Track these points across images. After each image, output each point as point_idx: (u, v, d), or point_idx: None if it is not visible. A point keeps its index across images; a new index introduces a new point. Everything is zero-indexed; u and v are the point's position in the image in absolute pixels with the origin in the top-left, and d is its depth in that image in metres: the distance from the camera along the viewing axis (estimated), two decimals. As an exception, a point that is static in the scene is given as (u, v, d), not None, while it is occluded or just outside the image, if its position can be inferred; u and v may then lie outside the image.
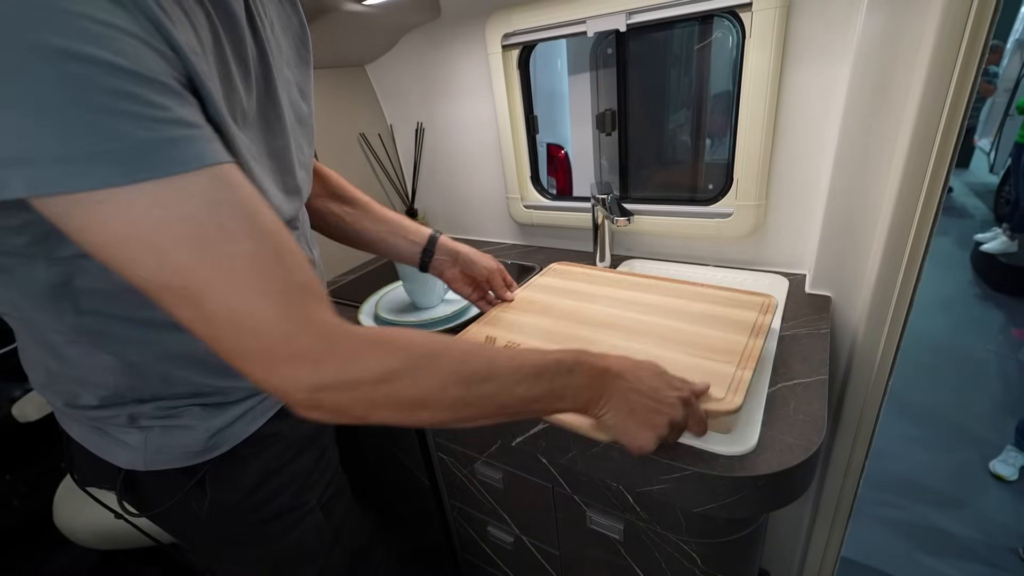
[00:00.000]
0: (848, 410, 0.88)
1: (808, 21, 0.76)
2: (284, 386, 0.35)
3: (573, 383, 0.46)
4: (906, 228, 0.70)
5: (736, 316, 0.72)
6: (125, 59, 0.29)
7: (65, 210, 0.30)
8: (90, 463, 0.54)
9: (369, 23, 1.03)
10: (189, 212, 0.31)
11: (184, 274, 0.31)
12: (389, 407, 0.38)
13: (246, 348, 0.34)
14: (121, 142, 0.29)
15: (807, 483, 0.55)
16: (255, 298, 0.33)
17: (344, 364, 0.36)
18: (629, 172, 1.10)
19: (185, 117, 0.32)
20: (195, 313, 0.33)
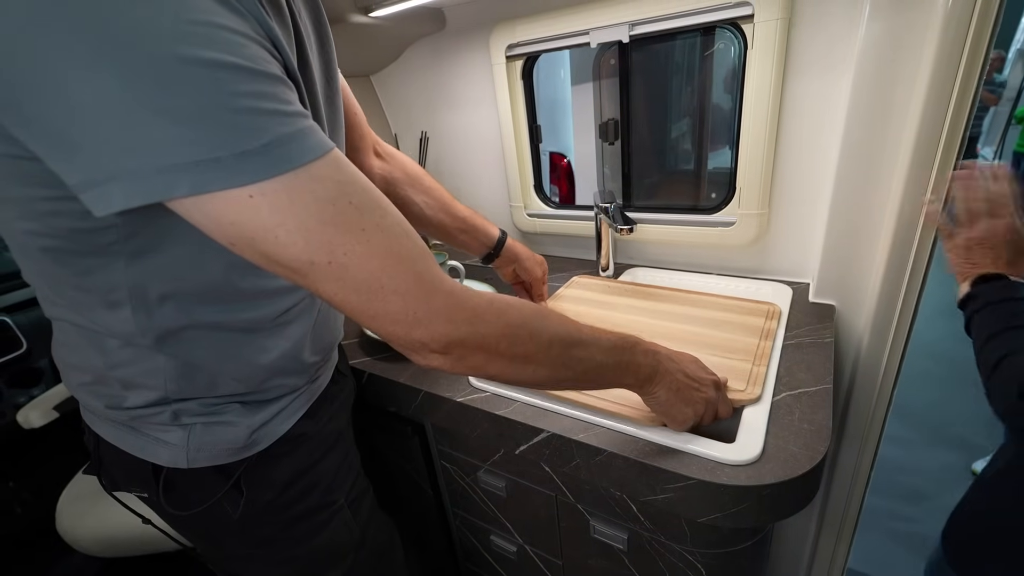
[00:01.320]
0: (853, 419, 0.87)
1: (809, 32, 0.76)
2: (425, 340, 0.39)
3: (636, 360, 0.52)
4: (910, 237, 0.70)
5: (746, 321, 0.80)
6: (251, 61, 0.32)
7: (216, 208, 0.32)
8: (123, 466, 0.54)
9: (375, 34, 1.05)
10: (326, 194, 0.34)
11: (331, 249, 0.35)
12: (506, 358, 0.43)
13: (390, 310, 0.37)
14: (265, 138, 0.32)
15: (812, 493, 0.55)
16: (394, 264, 0.37)
17: (474, 319, 0.41)
18: (632, 181, 1.10)
19: (302, 109, 0.35)
20: (341, 284, 0.36)
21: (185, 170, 0.31)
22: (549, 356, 0.46)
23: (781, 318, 0.80)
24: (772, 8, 0.75)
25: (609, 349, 0.50)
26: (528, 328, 0.44)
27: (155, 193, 0.32)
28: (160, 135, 0.30)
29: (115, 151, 0.31)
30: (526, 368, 0.45)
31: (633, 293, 0.94)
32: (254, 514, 0.56)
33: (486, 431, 0.70)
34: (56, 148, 0.32)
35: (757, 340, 0.74)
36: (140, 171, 0.31)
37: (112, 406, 0.50)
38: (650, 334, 0.77)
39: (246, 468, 0.54)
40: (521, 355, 0.44)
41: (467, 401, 0.70)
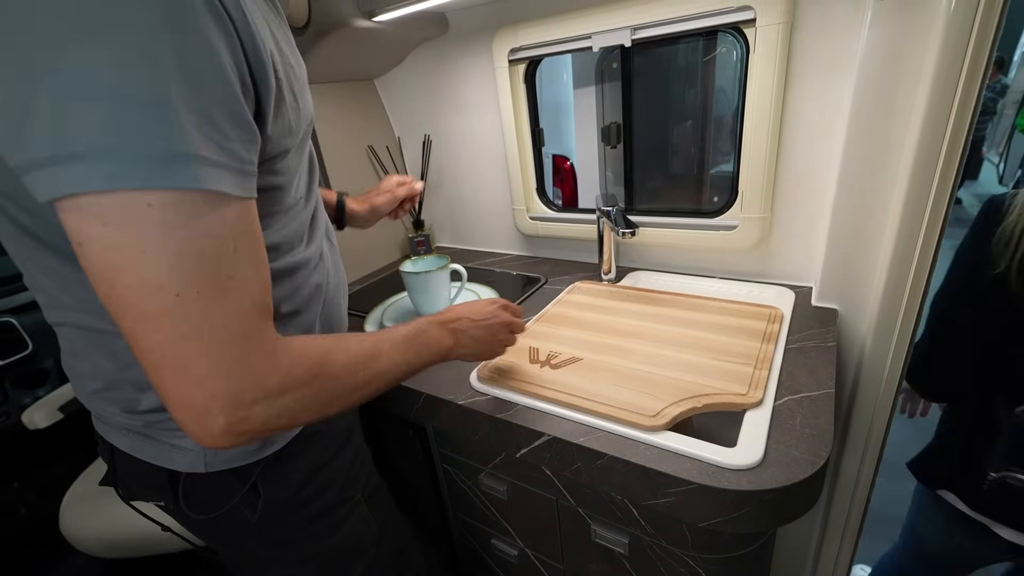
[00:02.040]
0: (856, 424, 0.87)
1: (812, 36, 0.76)
2: (225, 405, 0.36)
3: (431, 338, 0.56)
4: (912, 240, 0.70)
5: (747, 325, 0.80)
6: (223, 85, 0.34)
7: (108, 207, 0.31)
8: (139, 475, 0.53)
9: (379, 39, 1.05)
10: (220, 232, 0.34)
11: (187, 284, 0.33)
12: (312, 405, 0.42)
13: (202, 366, 0.35)
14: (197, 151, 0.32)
15: (814, 498, 0.55)
16: (235, 318, 0.35)
17: (285, 374, 0.39)
18: (634, 184, 1.10)
19: (241, 153, 0.36)
20: (169, 323, 0.33)
21: (105, 160, 0.30)
22: (356, 384, 0.46)
23: (783, 322, 0.80)
24: (774, 12, 0.75)
25: (405, 345, 0.52)
26: (332, 369, 0.43)
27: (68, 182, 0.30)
28: (97, 119, 0.30)
29: (51, 131, 0.30)
30: (334, 404, 0.45)
31: (635, 298, 0.94)
32: (272, 515, 0.56)
33: (487, 434, 0.70)
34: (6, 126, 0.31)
35: (759, 344, 0.74)
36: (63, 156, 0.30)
37: (128, 410, 0.49)
38: (652, 338, 0.79)
39: (262, 469, 0.54)
40: (328, 395, 0.43)
41: (468, 404, 0.70)
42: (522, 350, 0.80)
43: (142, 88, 0.30)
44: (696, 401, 0.63)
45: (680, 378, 0.68)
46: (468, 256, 1.34)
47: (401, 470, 0.95)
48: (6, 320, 1.27)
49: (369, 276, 1.29)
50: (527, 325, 0.88)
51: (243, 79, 0.36)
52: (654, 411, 0.61)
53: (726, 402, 0.62)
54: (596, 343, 0.79)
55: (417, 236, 1.37)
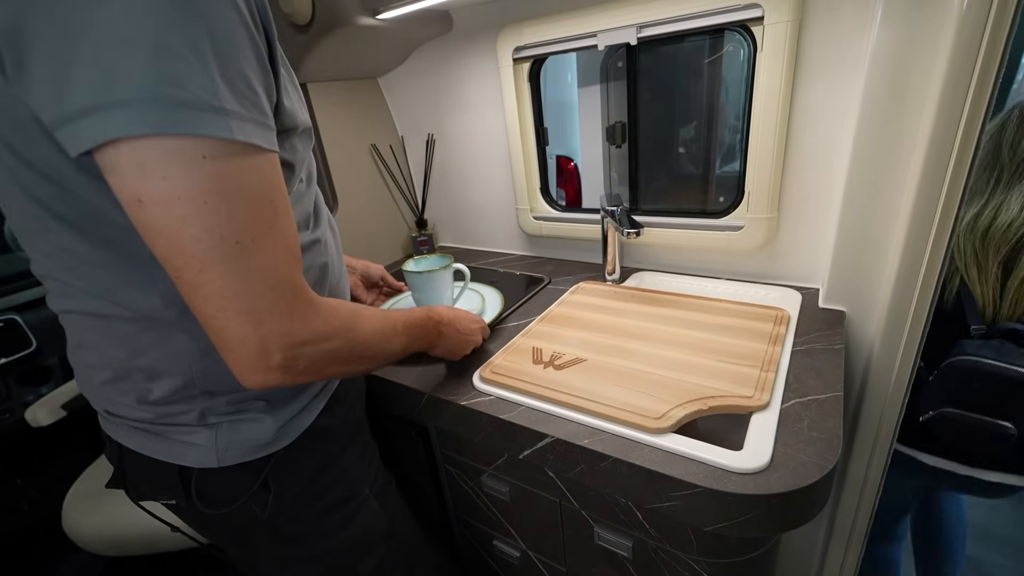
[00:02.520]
0: (863, 428, 0.86)
1: (820, 35, 0.75)
2: (279, 341, 0.40)
3: (429, 332, 0.65)
4: (922, 242, 0.69)
5: (753, 327, 0.79)
6: (250, 39, 0.36)
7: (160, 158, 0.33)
8: (149, 473, 0.53)
9: (382, 37, 1.05)
10: (261, 183, 0.38)
11: (244, 231, 0.37)
12: (344, 358, 0.48)
13: (261, 304, 0.39)
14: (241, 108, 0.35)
15: (822, 503, 0.54)
16: (283, 262, 0.40)
17: (325, 321, 0.45)
18: (639, 184, 1.09)
19: (265, 108, 0.38)
20: (232, 268, 0.37)
21: (153, 104, 0.32)
22: (377, 351, 0.53)
23: (790, 324, 0.79)
24: (782, 10, 0.74)
25: (411, 329, 0.60)
26: (362, 329, 0.50)
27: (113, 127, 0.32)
28: (139, 68, 0.31)
29: (93, 81, 0.31)
30: (356, 364, 0.51)
31: (640, 299, 0.93)
32: (283, 510, 0.56)
33: (490, 435, 0.69)
34: (41, 79, 0.32)
35: (765, 346, 0.73)
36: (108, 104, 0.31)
37: (140, 400, 0.49)
38: (657, 340, 0.78)
39: (273, 464, 0.54)
40: (357, 354, 0.49)
41: (471, 405, 0.69)
42: (525, 350, 0.79)
43: (184, 46, 0.32)
44: (702, 403, 0.62)
45: (685, 380, 0.67)
46: (471, 256, 1.33)
47: (403, 470, 0.95)
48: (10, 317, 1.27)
49: (372, 275, 1.29)
50: (531, 325, 0.87)
51: (260, 36, 0.38)
52: (659, 413, 0.61)
53: (732, 404, 0.62)
54: (600, 344, 0.79)
55: (420, 235, 1.37)
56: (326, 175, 1.18)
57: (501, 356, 0.78)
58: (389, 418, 0.89)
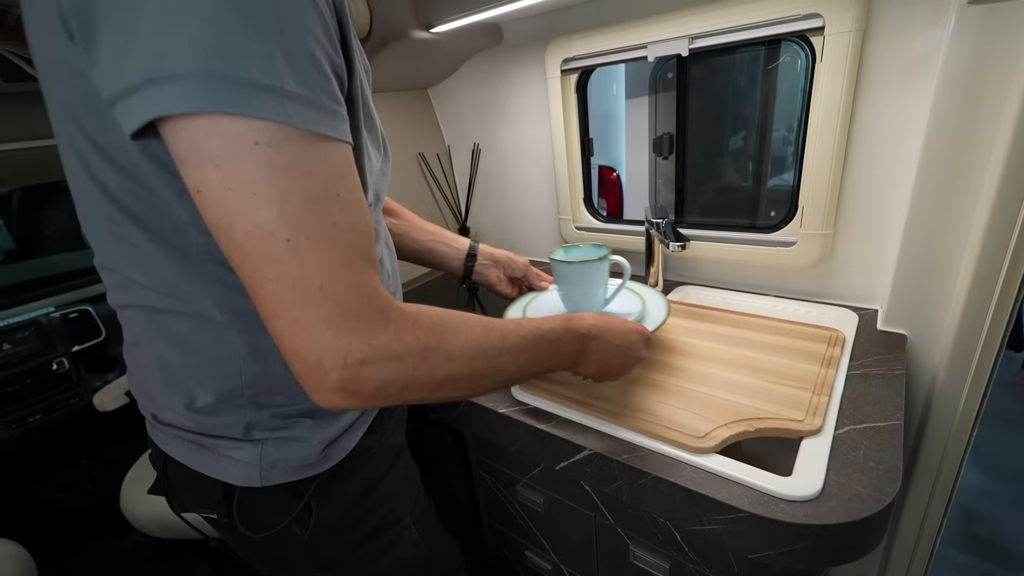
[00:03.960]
0: (924, 461, 0.80)
1: (886, 46, 0.72)
2: (336, 359, 0.35)
3: (564, 348, 0.52)
4: (996, 265, 0.64)
5: (806, 347, 0.75)
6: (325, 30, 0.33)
7: (213, 141, 0.30)
8: (192, 486, 0.52)
9: (434, 49, 1.08)
10: (322, 175, 0.33)
11: (298, 228, 0.32)
12: (424, 381, 0.40)
13: (315, 314, 0.34)
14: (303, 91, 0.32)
15: (878, 539, 0.51)
16: (343, 267, 0.35)
17: (394, 338, 0.37)
18: (686, 196, 1.07)
19: (336, 94, 0.35)
20: (284, 270, 0.33)
21: (204, 79, 0.29)
22: (472, 372, 0.43)
23: (845, 346, 0.75)
24: (845, 20, 0.71)
25: (533, 346, 0.49)
26: (448, 348, 0.41)
27: (162, 104, 0.29)
28: (195, 40, 0.29)
29: (146, 55, 0.29)
30: (445, 388, 0.42)
31: (684, 314, 0.91)
32: (323, 534, 0.54)
33: (526, 444, 0.69)
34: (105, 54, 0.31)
35: (818, 368, 0.69)
36: (159, 78, 0.29)
37: (187, 406, 0.48)
38: (702, 357, 0.76)
39: (317, 486, 0.52)
40: (441, 376, 0.41)
41: (509, 413, 0.69)
42: None
43: (242, 18, 0.29)
44: (748, 424, 0.60)
45: (731, 399, 0.65)
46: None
47: (439, 475, 0.96)
48: (83, 308, 1.38)
49: (414, 280, 1.32)
50: None
51: (334, 25, 0.36)
52: (702, 432, 0.59)
53: (781, 428, 0.59)
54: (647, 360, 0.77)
55: (462, 242, 1.39)
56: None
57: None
58: (427, 421, 0.91)
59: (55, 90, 0.38)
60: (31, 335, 1.27)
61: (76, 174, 0.41)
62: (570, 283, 0.74)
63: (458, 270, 0.82)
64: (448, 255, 0.81)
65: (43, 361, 1.26)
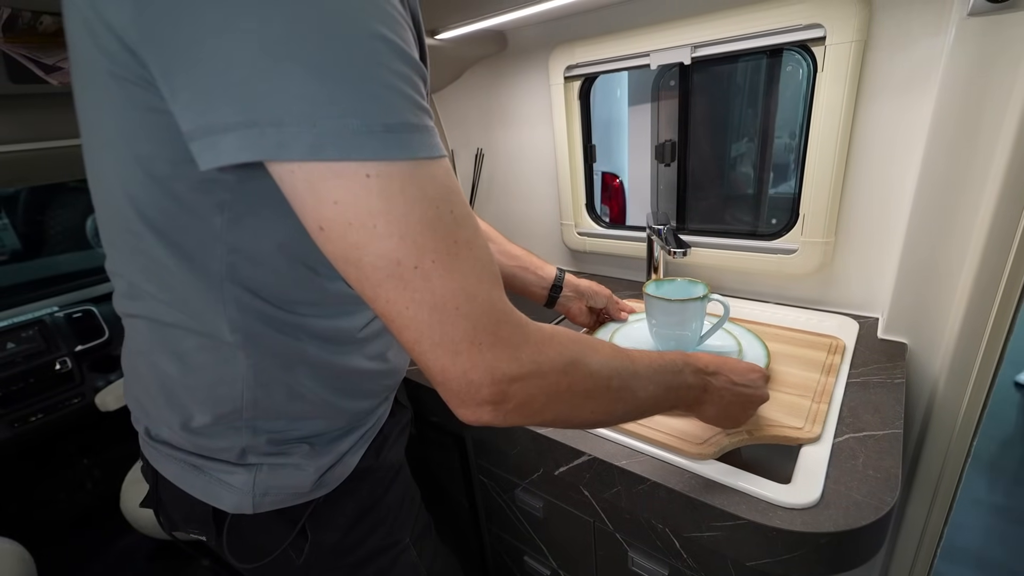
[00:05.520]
0: (924, 470, 0.80)
1: (887, 56, 0.73)
2: (484, 375, 0.35)
3: (686, 382, 0.50)
4: (997, 274, 0.65)
5: (805, 355, 0.76)
6: (404, 42, 0.32)
7: (326, 181, 0.30)
8: (183, 507, 0.51)
9: (439, 55, 1.09)
10: (434, 195, 0.33)
11: (422, 253, 0.32)
12: (565, 400, 0.39)
13: (455, 336, 0.33)
14: (398, 119, 0.31)
15: (876, 547, 0.51)
16: (474, 285, 0.34)
17: (537, 352, 0.37)
18: (687, 203, 1.08)
19: (427, 106, 0.34)
20: (417, 296, 0.32)
21: (309, 129, 0.29)
22: (609, 392, 0.42)
23: (845, 354, 0.75)
24: (846, 31, 0.72)
25: (660, 374, 0.47)
26: (588, 364, 0.40)
27: (266, 149, 0.30)
28: (294, 88, 0.29)
29: (241, 97, 0.29)
30: (585, 407, 0.41)
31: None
32: (318, 559, 0.53)
33: (526, 448, 0.69)
34: (185, 88, 0.31)
35: (818, 375, 0.70)
36: (260, 122, 0.29)
37: (184, 425, 0.47)
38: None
39: (312, 511, 0.51)
40: (582, 393, 0.40)
41: (509, 417, 0.69)
42: None
43: (339, 60, 0.29)
44: (747, 432, 0.60)
45: (730, 406, 0.65)
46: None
47: (438, 478, 0.96)
48: (88, 308, 1.39)
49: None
50: None
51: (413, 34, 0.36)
52: (702, 439, 0.59)
53: (780, 435, 0.59)
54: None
55: (464, 247, 1.39)
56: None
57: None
58: (428, 425, 0.91)
59: (96, 94, 0.38)
60: (35, 334, 1.28)
61: (106, 180, 0.41)
62: (668, 322, 0.73)
63: (541, 299, 0.81)
64: (532, 283, 0.80)
65: (46, 360, 1.27)
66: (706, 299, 0.71)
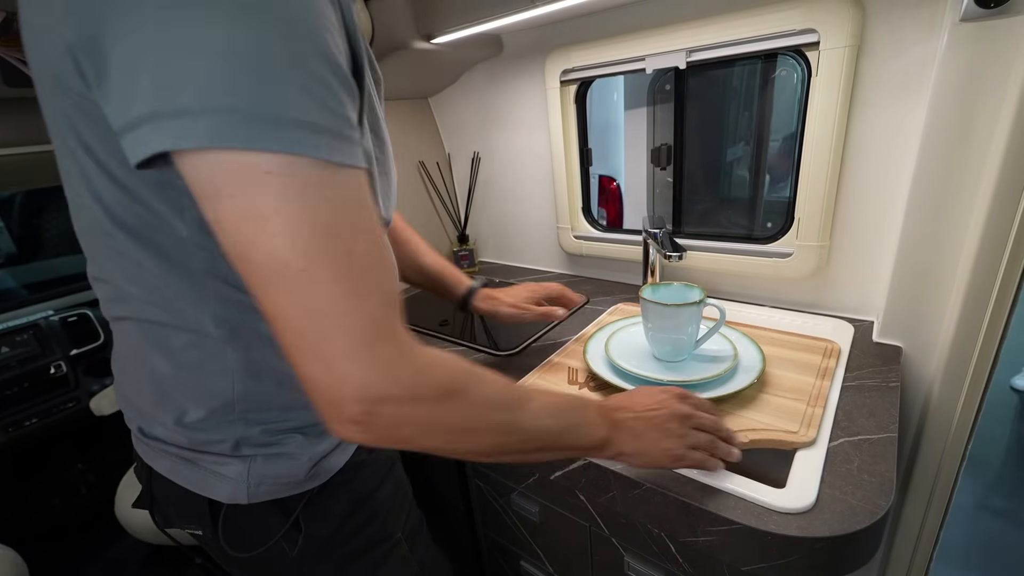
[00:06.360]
0: (920, 473, 0.80)
1: (880, 61, 0.73)
2: (352, 391, 0.34)
3: (589, 418, 0.49)
4: (991, 277, 0.65)
5: (800, 358, 0.76)
6: (329, 51, 0.32)
7: (224, 172, 0.30)
8: (177, 502, 0.51)
9: (436, 59, 1.09)
10: (337, 205, 0.33)
11: (312, 257, 0.32)
12: (441, 430, 0.39)
13: (332, 345, 0.33)
14: (308, 117, 0.31)
15: (871, 552, 0.51)
16: (360, 297, 0.33)
17: (417, 376, 0.36)
18: (683, 207, 1.08)
19: (351, 117, 0.34)
20: (298, 299, 0.32)
21: (212, 116, 0.29)
22: (492, 426, 0.41)
23: (840, 357, 0.75)
24: (840, 35, 0.72)
25: (558, 409, 0.47)
26: (470, 396, 0.39)
27: (171, 139, 0.30)
28: (202, 79, 0.29)
29: (155, 91, 0.29)
30: (463, 440, 0.40)
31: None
32: (312, 551, 0.53)
33: (522, 453, 0.69)
34: (113, 89, 0.31)
35: (813, 379, 0.70)
36: (166, 112, 0.29)
37: (177, 421, 0.47)
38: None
39: (306, 502, 0.51)
40: (459, 426, 0.39)
41: (504, 421, 0.69)
42: (561, 369, 0.79)
43: (252, 52, 0.29)
44: (743, 436, 0.60)
45: (726, 410, 0.65)
46: (511, 272, 1.34)
47: (434, 482, 0.96)
48: (83, 312, 1.38)
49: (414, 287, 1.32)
50: (567, 345, 0.87)
51: (345, 48, 0.35)
52: (697, 443, 0.59)
53: (775, 439, 0.59)
54: (637, 367, 0.77)
55: (461, 250, 1.40)
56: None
57: (536, 374, 0.78)
58: (423, 429, 0.90)
59: (55, 105, 0.38)
60: (30, 338, 1.28)
61: (75, 187, 0.41)
62: (663, 326, 0.73)
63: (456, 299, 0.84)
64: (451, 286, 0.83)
65: (41, 364, 1.26)
66: (702, 303, 0.71)
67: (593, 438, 0.49)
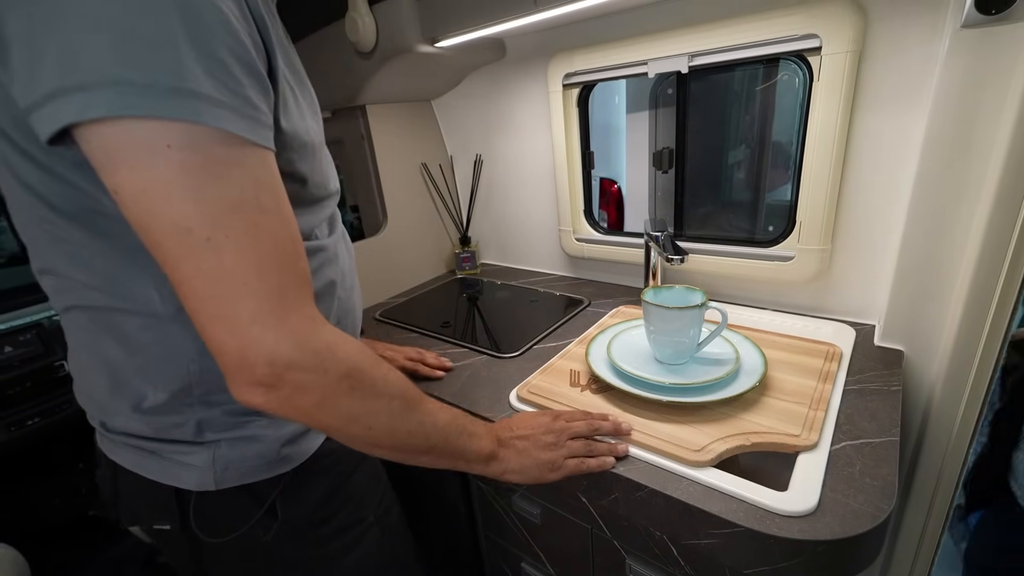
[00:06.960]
0: (922, 477, 0.80)
1: (881, 66, 0.73)
2: (260, 354, 0.35)
3: (478, 431, 0.53)
4: (992, 282, 0.65)
5: (802, 362, 0.76)
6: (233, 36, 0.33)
7: (122, 144, 0.31)
8: (144, 495, 0.50)
9: (439, 63, 1.10)
10: (240, 179, 0.34)
11: (216, 226, 0.33)
12: (341, 410, 0.41)
13: (238, 314, 0.34)
14: (211, 91, 0.32)
15: (873, 555, 0.51)
16: (269, 268, 0.35)
17: (325, 349, 0.38)
18: (685, 210, 1.08)
19: (251, 98, 0.35)
20: (205, 266, 0.33)
21: (111, 88, 0.30)
22: (389, 411, 0.43)
23: (842, 361, 0.75)
24: (842, 41, 0.73)
25: (451, 416, 0.51)
26: (372, 376, 0.42)
27: (73, 112, 0.30)
28: (103, 54, 0.30)
29: (58, 68, 0.30)
30: (363, 419, 0.42)
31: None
32: (285, 534, 0.53)
33: (524, 455, 0.69)
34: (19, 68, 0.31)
35: (815, 383, 0.70)
36: (68, 88, 0.30)
37: (135, 407, 0.46)
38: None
39: (281, 490, 0.51)
40: (358, 405, 0.41)
41: (507, 423, 0.69)
42: (563, 372, 0.79)
43: (151, 28, 0.30)
44: (744, 439, 0.60)
45: (728, 413, 0.65)
46: (512, 274, 1.35)
47: (434, 485, 0.96)
48: (86, 312, 1.38)
49: (415, 289, 1.32)
50: (569, 347, 0.87)
51: (252, 36, 0.36)
52: (699, 446, 0.59)
53: (777, 442, 0.59)
54: (639, 370, 0.77)
55: (463, 252, 1.40)
56: (377, 192, 1.23)
57: (538, 376, 0.79)
58: (425, 431, 0.91)
59: None
60: (32, 338, 1.28)
61: (3, 178, 0.41)
62: (664, 326, 0.73)
63: None
64: None
65: (44, 364, 1.26)
66: (704, 306, 0.71)
67: (482, 450, 0.53)
